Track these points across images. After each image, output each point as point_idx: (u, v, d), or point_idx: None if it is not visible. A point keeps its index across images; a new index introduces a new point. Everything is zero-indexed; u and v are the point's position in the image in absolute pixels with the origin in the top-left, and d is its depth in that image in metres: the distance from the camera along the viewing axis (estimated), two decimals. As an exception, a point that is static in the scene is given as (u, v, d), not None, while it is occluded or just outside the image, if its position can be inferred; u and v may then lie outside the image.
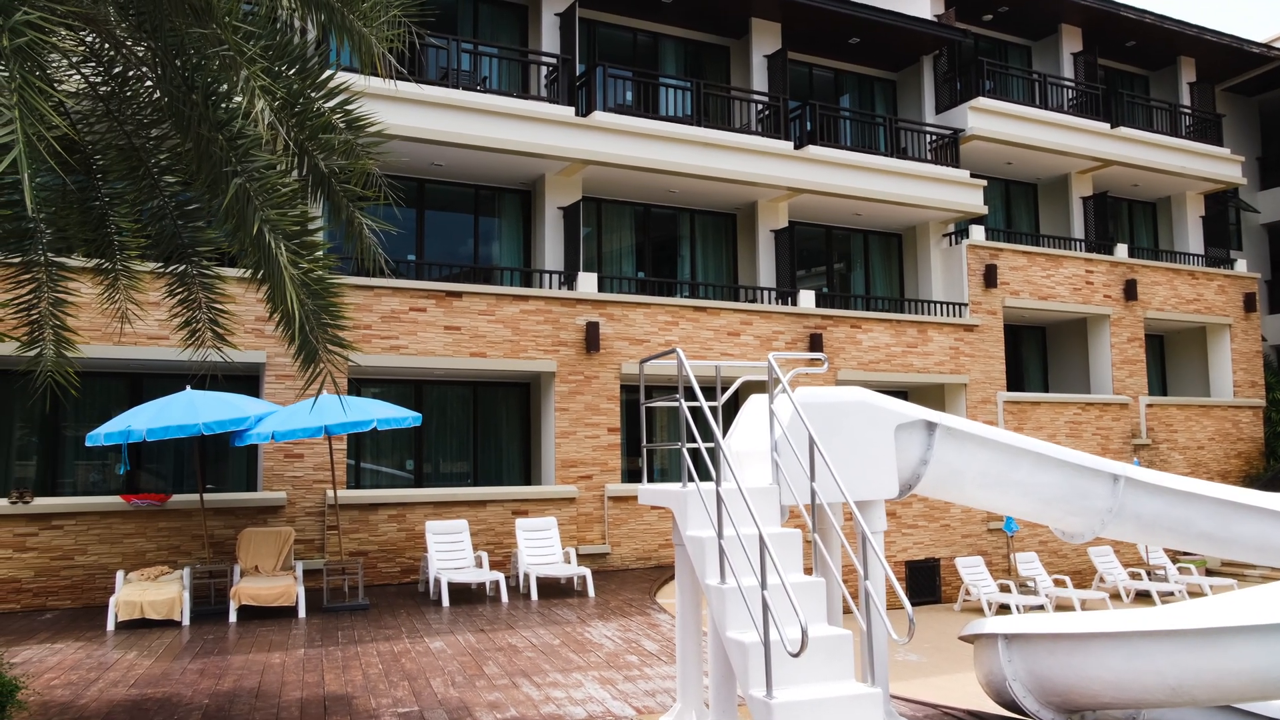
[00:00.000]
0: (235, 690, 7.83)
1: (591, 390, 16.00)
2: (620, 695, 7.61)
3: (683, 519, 6.25)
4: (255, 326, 13.85)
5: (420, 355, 14.88)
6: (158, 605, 11.01)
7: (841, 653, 5.51)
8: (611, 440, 16.07)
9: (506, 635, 10.14)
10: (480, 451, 16.86)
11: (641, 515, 16.05)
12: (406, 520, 14.41)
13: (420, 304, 14.99)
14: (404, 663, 8.83)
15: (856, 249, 21.58)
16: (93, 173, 8.06)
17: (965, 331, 19.80)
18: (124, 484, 14.47)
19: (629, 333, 16.36)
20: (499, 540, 14.87)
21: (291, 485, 13.89)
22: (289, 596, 11.43)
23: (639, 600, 12.48)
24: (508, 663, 8.79)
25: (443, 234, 17.49)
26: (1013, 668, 6.59)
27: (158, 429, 10.97)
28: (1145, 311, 22.30)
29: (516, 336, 15.58)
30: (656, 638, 9.97)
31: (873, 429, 6.70)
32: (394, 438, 16.22)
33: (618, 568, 15.71)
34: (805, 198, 19.12)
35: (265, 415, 11.77)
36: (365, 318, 14.59)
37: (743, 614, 5.58)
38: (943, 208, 19.94)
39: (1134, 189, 24.48)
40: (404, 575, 14.27)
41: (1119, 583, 18.97)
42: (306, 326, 6.43)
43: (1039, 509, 7.40)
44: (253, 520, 13.52)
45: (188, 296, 8.38)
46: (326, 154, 6.23)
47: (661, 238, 19.49)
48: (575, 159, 16.43)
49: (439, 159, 16.27)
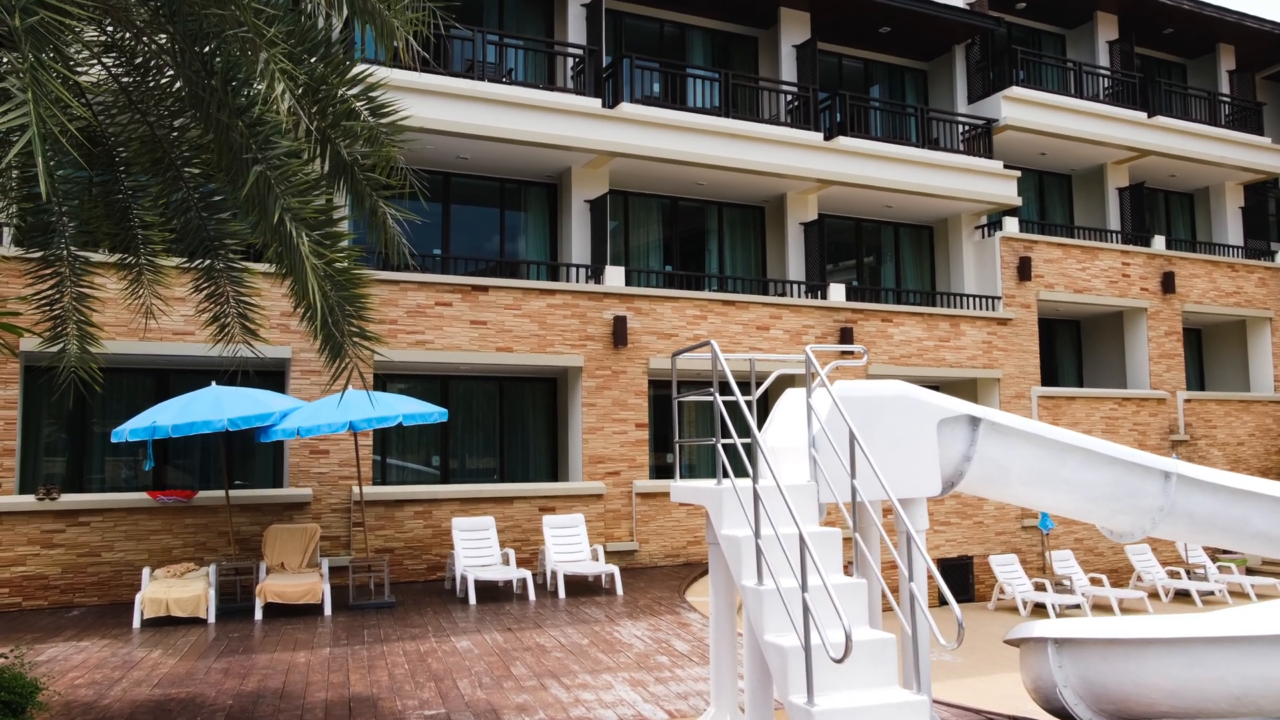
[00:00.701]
0: (260, 690, 7.70)
1: (619, 385, 15.80)
2: (651, 698, 7.41)
3: (717, 517, 6.03)
4: (281, 321, 13.75)
5: (446, 350, 14.74)
6: (183, 603, 10.92)
7: (885, 657, 5.28)
8: (639, 436, 15.87)
9: (534, 634, 9.97)
10: (507, 447, 16.71)
11: (670, 512, 15.85)
12: (433, 517, 14.28)
13: (446, 298, 14.84)
14: (430, 663, 8.68)
15: (887, 242, 21.24)
16: (115, 165, 7.94)
17: (999, 325, 19.43)
18: (151, 480, 14.42)
19: (657, 327, 16.14)
20: (526, 537, 14.71)
21: (317, 482, 13.79)
22: (314, 594, 11.32)
23: (668, 599, 12.28)
24: (536, 663, 8.61)
25: (469, 228, 17.34)
26: (1063, 674, 6.32)
27: (183, 425, 10.88)
28: (1183, 304, 21.82)
29: (543, 331, 15.40)
30: (687, 638, 9.76)
31: (914, 424, 6.45)
32: (420, 434, 16.10)
33: (646, 565, 15.52)
34: (835, 190, 18.82)
35: (290, 411, 11.65)
36: (391, 312, 14.46)
37: (781, 616, 5.36)
38: (975, 199, 19.57)
39: (1171, 179, 23.98)
40: (430, 573, 14.14)
41: (1157, 581, 18.57)
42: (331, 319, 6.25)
43: (1086, 507, 7.12)
44: (279, 517, 13.43)
45: (215, 291, 8.25)
46: (349, 141, 6.05)
47: (689, 231, 19.25)
48: (602, 151, 16.23)
49: (464, 152, 16.11)
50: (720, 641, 6.52)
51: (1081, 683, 6.27)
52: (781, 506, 5.91)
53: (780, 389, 16.21)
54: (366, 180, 6.23)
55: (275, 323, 13.72)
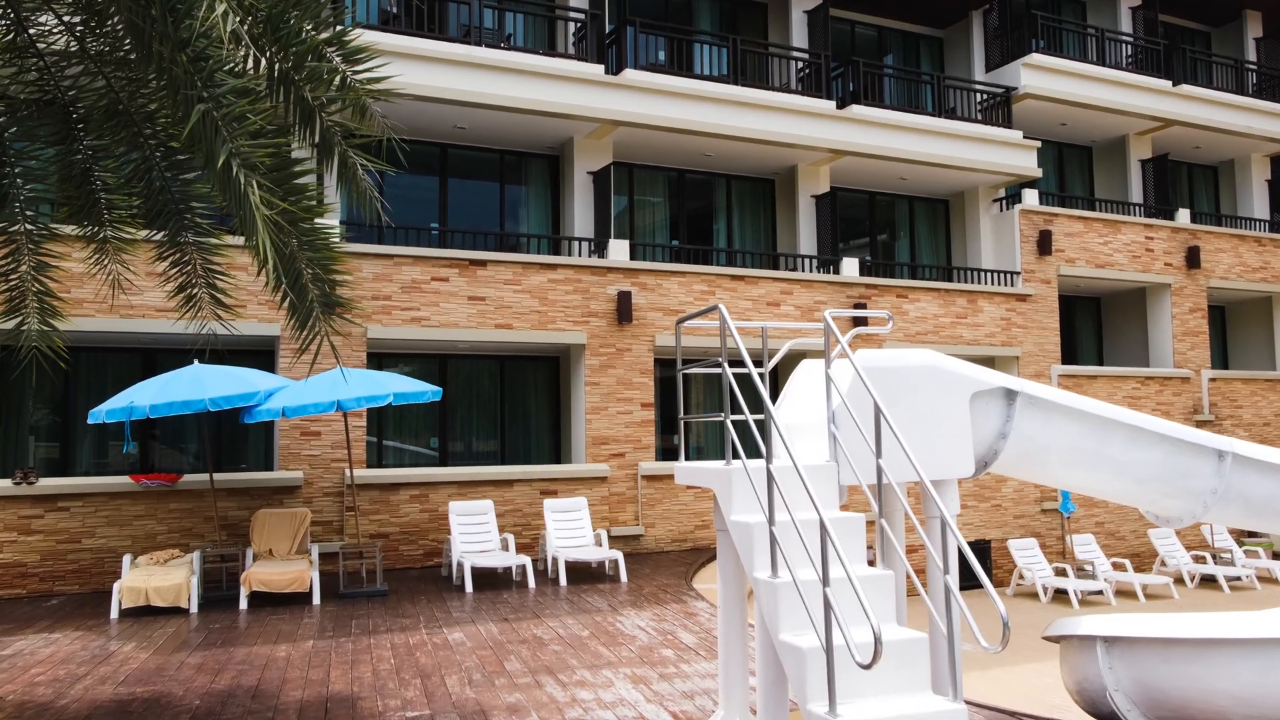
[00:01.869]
0: (231, 689, 7.12)
1: (624, 363, 15.18)
2: (655, 697, 6.82)
3: (726, 501, 5.41)
4: (269, 298, 13.14)
5: (443, 327, 14.12)
6: (163, 592, 10.36)
7: (916, 659, 4.67)
8: (645, 416, 15.25)
9: (531, 625, 9.38)
10: (508, 428, 16.11)
11: (677, 495, 15.25)
12: (429, 501, 13.70)
13: (443, 273, 14.22)
14: (419, 657, 8.09)
15: (901, 216, 20.53)
16: (72, 124, 7.34)
17: (1018, 301, 18.74)
18: (136, 464, 13.87)
19: (663, 303, 15.50)
20: (526, 522, 14.13)
21: (308, 464, 13.22)
22: (302, 582, 10.75)
23: (674, 586, 11.68)
24: (531, 657, 8.03)
25: (467, 202, 16.69)
26: (1114, 676, 5.70)
27: (161, 405, 10.30)
28: (1208, 280, 21.08)
29: (544, 307, 14.78)
30: (694, 629, 9.17)
31: (945, 397, 5.82)
32: (418, 415, 15.52)
33: (652, 550, 14.93)
34: (848, 161, 18.12)
35: (276, 390, 11.06)
36: (385, 288, 13.84)
37: (799, 613, 4.75)
38: (994, 170, 18.84)
39: (1195, 151, 23.18)
40: (427, 558, 13.58)
41: (1182, 566, 17.93)
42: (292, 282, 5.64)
43: (1132, 490, 6.48)
44: (268, 501, 12.87)
45: (181, 259, 7.64)
46: (315, 85, 5.41)
47: (696, 204, 18.57)
48: (605, 120, 15.55)
49: (462, 121, 15.45)
50: (730, 637, 5.92)
51: (1136, 686, 5.65)
52: (798, 489, 5.29)
53: (792, 367, 15.57)
54: (335, 127, 5.59)
55: (263, 299, 13.13)
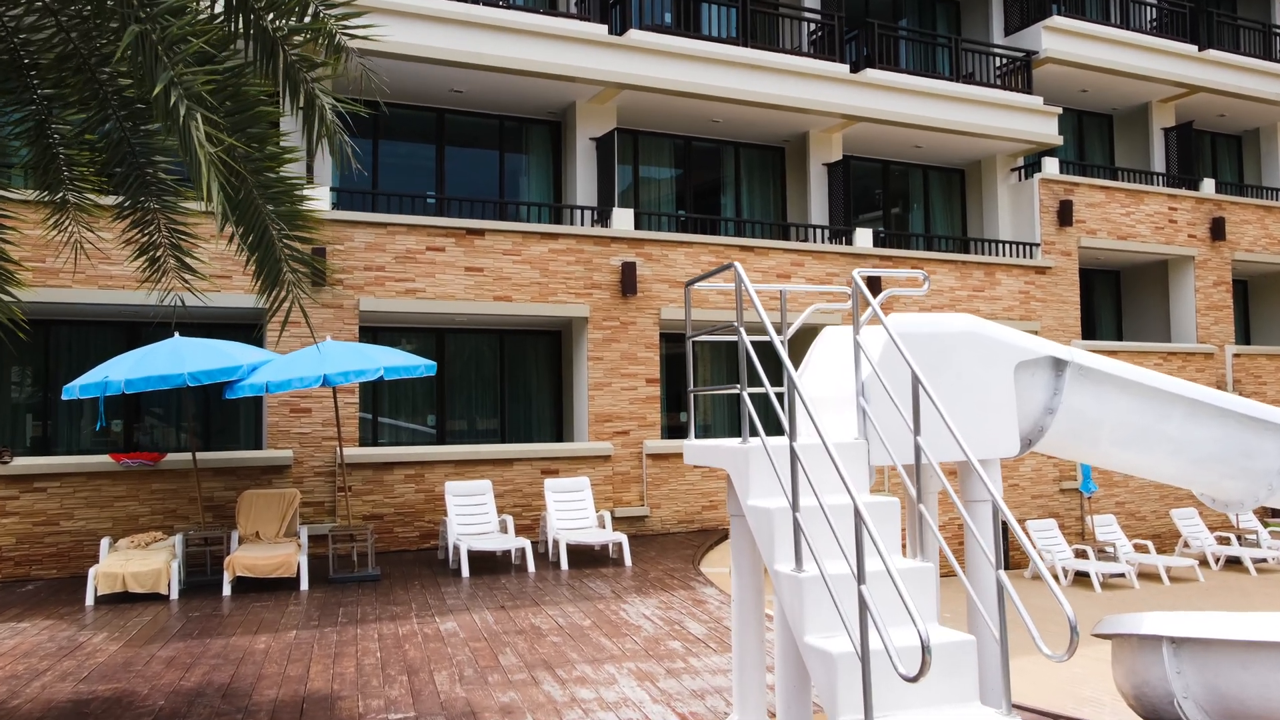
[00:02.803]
0: (201, 686, 6.55)
1: (628, 337, 14.55)
2: (661, 696, 6.23)
3: (742, 483, 4.80)
4: (256, 268, 12.50)
5: (439, 299, 13.50)
6: (141, 577, 9.81)
7: (963, 665, 4.08)
8: (650, 392, 14.64)
9: (530, 614, 8.81)
10: (508, 405, 15.52)
11: (683, 475, 14.66)
12: (425, 480, 13.12)
13: (439, 243, 13.58)
14: (407, 649, 7.52)
15: (915, 186, 19.81)
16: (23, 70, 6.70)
17: (1037, 274, 18.05)
18: (120, 443, 13.31)
19: (669, 274, 14.86)
20: (527, 502, 13.56)
21: (299, 443, 12.63)
22: (289, 567, 10.19)
23: (681, 570, 11.11)
24: (528, 650, 7.45)
25: (465, 171, 16.02)
26: (1183, 681, 5.09)
27: (137, 380, 9.72)
28: (1233, 252, 20.35)
29: (545, 279, 14.13)
30: (703, 618, 8.58)
31: (987, 367, 5.19)
32: (415, 391, 14.92)
33: (657, 532, 14.36)
34: (861, 129, 17.40)
35: (260, 364, 10.47)
36: (378, 258, 13.21)
37: (827, 612, 4.15)
38: (1013, 138, 18.10)
39: (1220, 120, 22.39)
40: (423, 541, 13.01)
41: (1206, 548, 17.33)
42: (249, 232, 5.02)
43: (1189, 471, 5.86)
44: (256, 481, 12.30)
45: (142, 218, 7.02)
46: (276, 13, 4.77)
47: (704, 173, 17.88)
48: (609, 83, 14.85)
49: (459, 84, 14.76)
50: (745, 632, 5.32)
51: (1210, 695, 5.04)
52: (825, 470, 4.68)
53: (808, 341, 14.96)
54: (298, 61, 4.95)
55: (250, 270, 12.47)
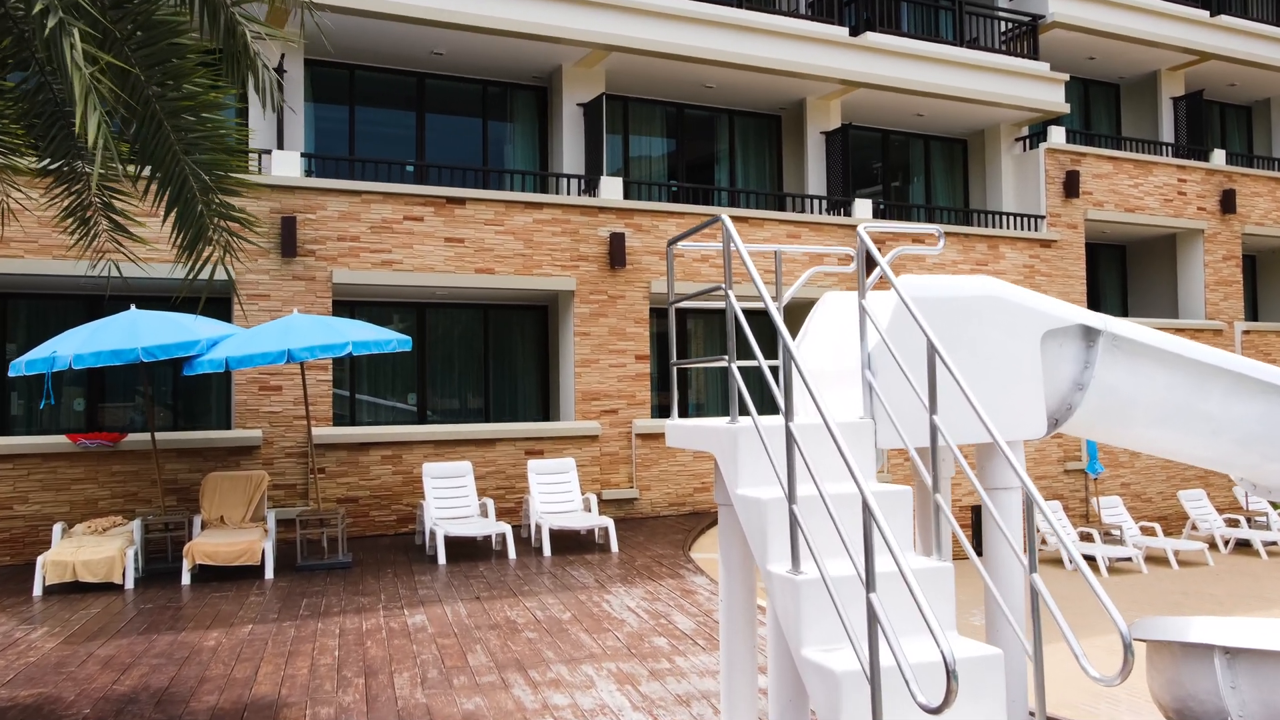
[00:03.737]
0: (135, 691, 5.94)
1: (616, 312, 13.91)
2: (643, 703, 5.63)
3: (730, 469, 4.18)
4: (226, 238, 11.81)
5: (417, 271, 12.83)
6: (93, 566, 9.19)
7: (989, 684, 3.48)
8: (640, 369, 14.01)
9: (506, 606, 8.20)
10: (492, 383, 14.88)
11: (674, 455, 14.05)
12: (403, 462, 12.50)
13: (417, 212, 12.89)
14: (369, 647, 6.92)
15: (916, 157, 19.12)
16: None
17: (1042, 247, 17.41)
18: (82, 422, 12.66)
19: (659, 246, 14.20)
20: (510, 484, 12.95)
21: (268, 422, 12.00)
22: (252, 554, 9.57)
23: (670, 557, 10.52)
24: (501, 648, 6.85)
25: (446, 139, 15.31)
26: (1239, 698, 4.49)
27: (87, 355, 9.08)
28: (1243, 226, 19.71)
29: (529, 250, 13.47)
30: (692, 610, 7.99)
31: (1010, 337, 4.56)
32: (394, 369, 14.28)
33: (647, 514, 13.76)
34: (860, 96, 16.70)
35: (221, 339, 9.82)
36: (352, 228, 12.53)
37: (829, 621, 3.54)
38: (1018, 105, 17.41)
39: (1230, 89, 21.69)
40: (400, 525, 12.41)
41: (1215, 530, 16.79)
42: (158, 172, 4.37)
43: (1230, 454, 5.25)
44: (223, 463, 11.67)
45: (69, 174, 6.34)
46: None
47: (697, 142, 17.18)
48: (596, 44, 14.14)
49: (439, 45, 14.04)
50: (734, 636, 4.71)
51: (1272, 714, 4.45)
52: (827, 454, 4.06)
53: (803, 316, 14.34)
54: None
55: (215, 239, 11.79)
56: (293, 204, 12.20)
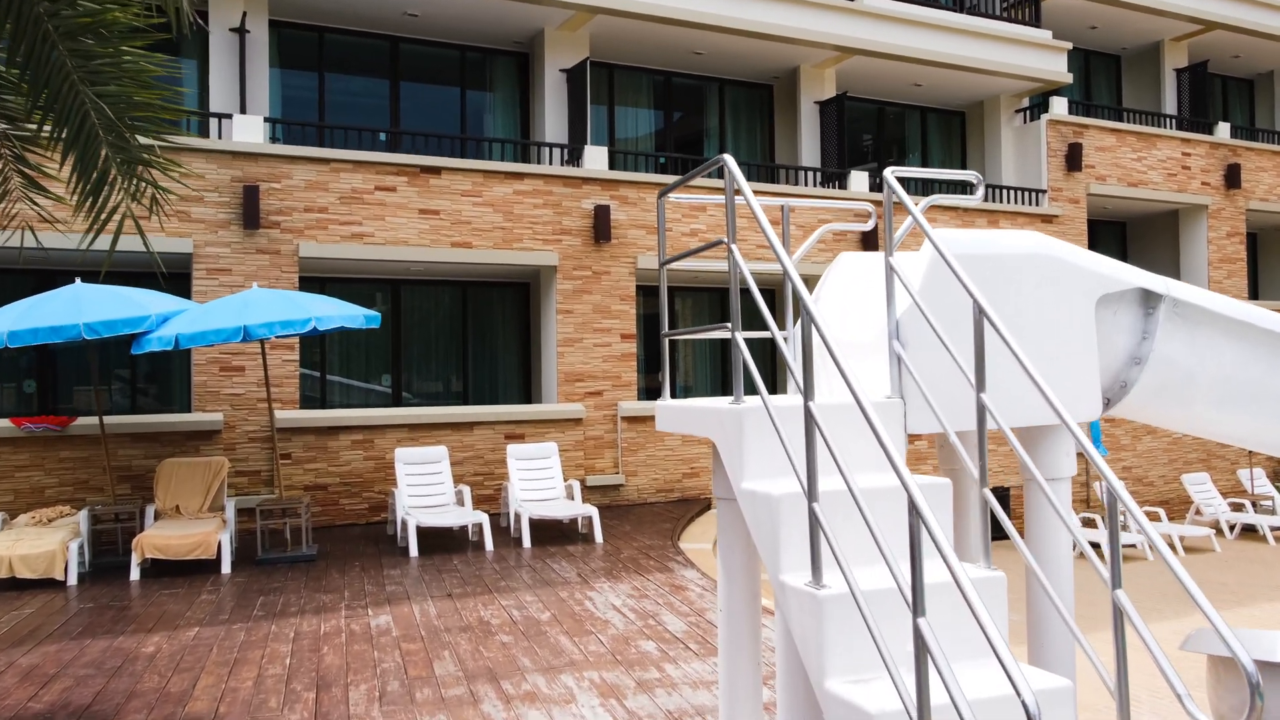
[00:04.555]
0: (51, 710, 5.24)
1: (601, 289, 13.20)
2: (628, 719, 4.97)
3: (734, 457, 3.50)
4: (180, 207, 11.07)
5: (390, 245, 12.08)
6: (31, 561, 8.46)
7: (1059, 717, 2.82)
8: (626, 349, 13.32)
9: (480, 605, 7.53)
10: (471, 364, 14.17)
11: (662, 439, 13.38)
12: (375, 447, 11.79)
13: (389, 182, 12.13)
14: (325, 654, 6.23)
15: (913, 130, 18.43)
16: None
17: (1043, 222, 16.77)
18: (34, 404, 11.90)
19: (646, 219, 13.47)
20: (490, 470, 12.26)
21: (229, 405, 11.26)
22: (207, 547, 8.85)
23: (658, 549, 9.86)
24: (472, 654, 6.17)
25: (422, 108, 14.53)
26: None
27: (24, 331, 8.32)
28: (1248, 202, 19.12)
29: (509, 223, 12.73)
30: (682, 609, 7.33)
31: (1062, 301, 3.89)
32: (368, 349, 13.55)
33: (633, 502, 13.10)
34: (856, 64, 15.99)
35: (173, 315, 9.07)
36: (320, 198, 11.76)
37: (860, 646, 2.87)
38: (1019, 74, 16.73)
39: (1233, 61, 21.06)
40: (372, 514, 11.71)
41: (1220, 515, 16.25)
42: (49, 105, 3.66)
43: (1300, 437, 4.60)
44: (181, 448, 10.94)
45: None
46: None
47: (685, 112, 16.45)
48: (580, 5, 13.37)
49: (413, 6, 13.24)
50: (736, 651, 4.04)
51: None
52: (850, 440, 3.39)
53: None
54: None
55: (173, 209, 11.03)
56: (256, 172, 11.43)
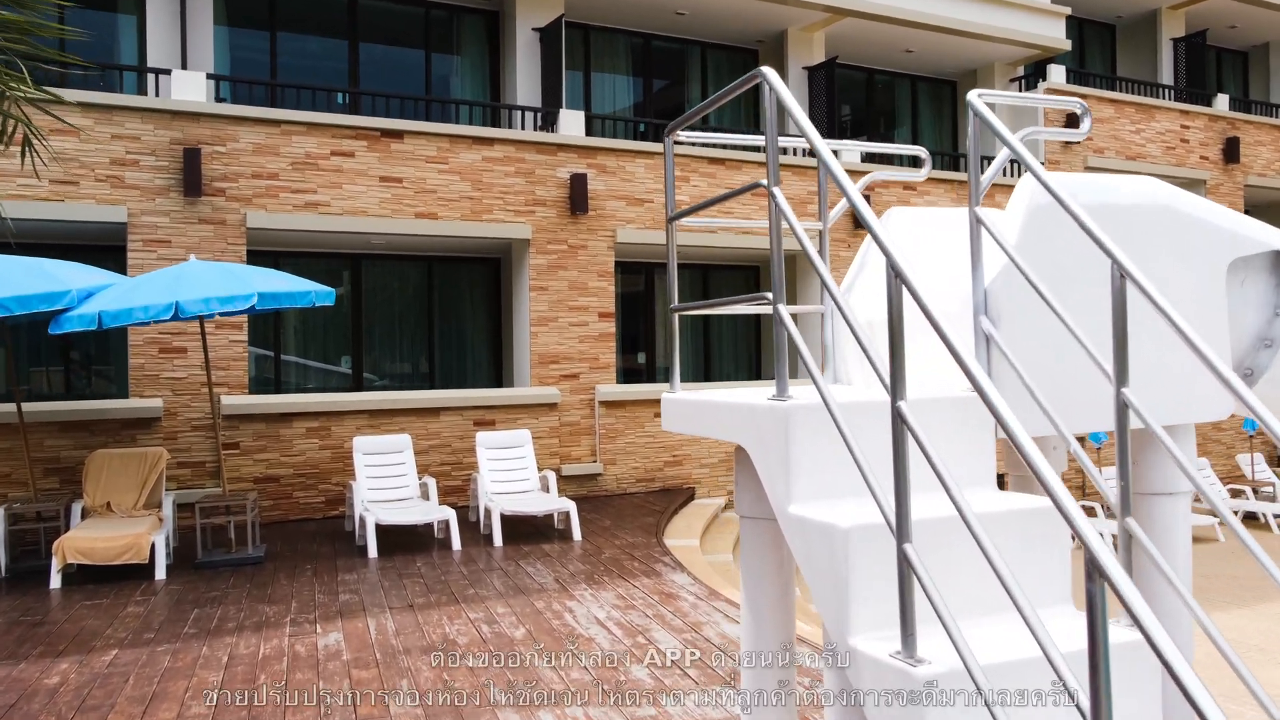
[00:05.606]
0: (-83, 767, 4.32)
1: (578, 264, 12.27)
2: (624, 777, 4.11)
3: (776, 471, 2.62)
4: (113, 172, 10.02)
5: (348, 215, 11.08)
6: (-66, 568, 7.48)
7: None
8: (604, 328, 12.41)
9: (446, 618, 6.64)
10: (438, 345, 13.22)
11: (642, 424, 12.51)
12: (333, 435, 10.84)
13: (346, 146, 11.12)
14: (261, 684, 5.32)
15: (903, 101, 17.59)
16: None
17: (1039, 197, 15.97)
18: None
19: (626, 189, 12.55)
20: (457, 459, 11.34)
21: (170, 390, 10.25)
22: (138, 551, 7.88)
23: (643, 547, 9.01)
24: (434, 682, 5.28)
25: (383, 71, 13.49)
26: None
27: (-78, 308, 7.30)
28: (1246, 177, 18.46)
29: (478, 193, 11.76)
30: (675, 623, 6.47)
31: (1188, 266, 3.05)
32: (326, 329, 12.57)
33: (612, 492, 12.24)
34: (846, 27, 15.10)
35: (98, 290, 8.06)
36: (270, 163, 10.73)
37: (976, 751, 2.02)
38: (1016, 40, 15.92)
39: (1229, 32, 20.34)
40: (330, 508, 10.77)
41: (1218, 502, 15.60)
42: None
43: None
44: (116, 438, 9.93)
45: None
46: None
47: (666, 78, 15.51)
48: (553, -43, 12.39)
49: (372, -44, 12.21)
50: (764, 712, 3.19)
51: None
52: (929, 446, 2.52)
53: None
54: None
55: (102, 173, 9.99)
56: (198, 133, 10.38)
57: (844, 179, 2.36)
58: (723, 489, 12.84)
